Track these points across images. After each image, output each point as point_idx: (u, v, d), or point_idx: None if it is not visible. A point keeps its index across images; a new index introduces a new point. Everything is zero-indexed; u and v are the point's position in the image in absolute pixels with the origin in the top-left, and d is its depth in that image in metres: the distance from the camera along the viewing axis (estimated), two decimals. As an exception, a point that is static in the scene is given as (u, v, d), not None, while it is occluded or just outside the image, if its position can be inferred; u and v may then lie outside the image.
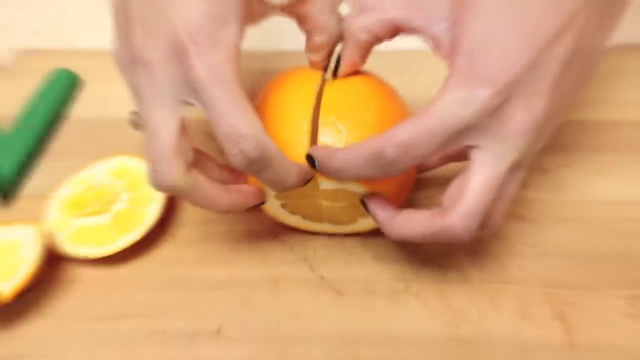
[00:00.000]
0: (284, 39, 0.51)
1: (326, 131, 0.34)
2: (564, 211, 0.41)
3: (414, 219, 0.32)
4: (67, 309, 0.37)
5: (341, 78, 0.37)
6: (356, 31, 0.34)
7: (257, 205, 0.36)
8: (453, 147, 0.30)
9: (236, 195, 0.34)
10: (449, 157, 0.38)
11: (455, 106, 0.29)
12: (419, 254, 0.39)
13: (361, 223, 0.38)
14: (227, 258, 0.40)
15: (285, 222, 0.39)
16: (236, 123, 0.29)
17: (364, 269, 0.39)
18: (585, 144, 0.46)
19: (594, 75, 0.51)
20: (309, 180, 0.34)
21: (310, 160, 0.33)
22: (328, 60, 0.38)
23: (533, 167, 0.44)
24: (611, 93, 0.50)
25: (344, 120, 0.34)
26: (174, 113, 0.31)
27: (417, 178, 0.40)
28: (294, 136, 0.34)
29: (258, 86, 0.39)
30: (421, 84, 0.40)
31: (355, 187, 0.34)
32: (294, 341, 0.35)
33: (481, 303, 0.37)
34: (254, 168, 0.30)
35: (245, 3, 0.31)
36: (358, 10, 0.34)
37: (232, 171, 0.38)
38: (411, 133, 0.29)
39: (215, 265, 0.39)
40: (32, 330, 0.36)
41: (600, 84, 0.50)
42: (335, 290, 0.38)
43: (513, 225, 0.41)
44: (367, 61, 0.37)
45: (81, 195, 0.41)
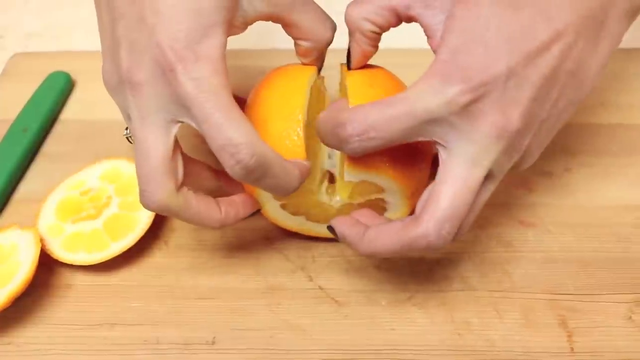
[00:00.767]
0: (277, 38, 0.50)
1: None
2: (567, 216, 0.41)
3: (385, 232, 0.31)
4: (61, 316, 0.37)
5: (358, 70, 0.36)
6: (358, 21, 0.33)
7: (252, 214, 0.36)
8: (420, 139, 0.29)
9: (228, 209, 0.35)
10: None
11: (424, 95, 0.28)
12: (423, 263, 0.39)
13: None
14: (221, 266, 0.39)
15: (286, 226, 0.38)
16: (230, 134, 0.29)
17: (364, 278, 0.38)
18: (590, 147, 0.45)
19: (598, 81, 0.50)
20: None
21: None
22: (321, 60, 0.37)
23: (537, 171, 0.43)
24: (615, 96, 0.49)
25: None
26: (164, 133, 0.31)
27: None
28: (288, 127, 0.33)
29: (252, 85, 0.38)
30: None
31: (381, 180, 0.33)
32: (291, 353, 0.35)
33: (485, 312, 0.36)
34: (253, 177, 0.30)
35: (228, 14, 0.31)
36: (357, 1, 0.33)
37: (228, 178, 0.37)
38: (375, 114, 0.29)
39: (209, 273, 0.39)
40: (26, 337, 0.36)
41: (605, 87, 0.50)
42: (335, 300, 0.37)
43: (517, 231, 0.40)
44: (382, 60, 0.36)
45: (75, 199, 0.41)
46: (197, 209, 0.33)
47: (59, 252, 0.38)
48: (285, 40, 0.36)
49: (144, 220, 0.39)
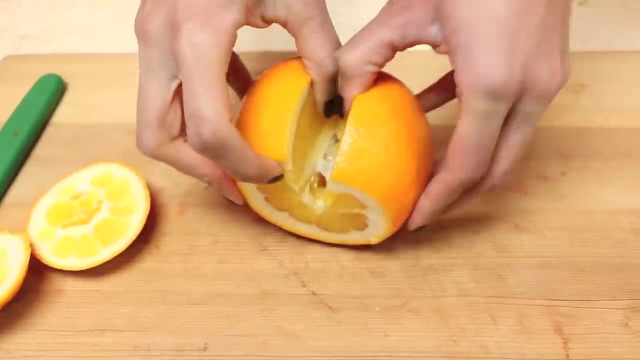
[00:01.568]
0: (273, 40, 0.50)
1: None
2: (562, 220, 0.41)
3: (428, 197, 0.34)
4: (51, 322, 0.37)
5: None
6: (360, 67, 0.33)
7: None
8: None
9: (216, 170, 0.35)
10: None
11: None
12: (417, 268, 0.38)
13: (354, 236, 0.37)
14: (213, 271, 0.39)
15: (270, 220, 0.38)
16: (202, 106, 0.30)
17: (358, 283, 0.38)
18: (586, 151, 0.45)
19: (594, 81, 0.50)
20: (278, 179, 0.33)
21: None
22: (323, 94, 0.36)
23: (532, 175, 0.43)
24: (611, 100, 0.49)
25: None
26: (164, 85, 0.32)
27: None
28: (275, 125, 0.33)
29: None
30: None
31: (363, 197, 0.33)
32: (284, 359, 0.34)
33: (480, 318, 0.36)
34: (209, 153, 0.31)
35: (250, 0, 0.32)
36: (349, 45, 0.33)
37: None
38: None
39: (201, 279, 0.38)
40: (16, 343, 0.36)
41: (600, 90, 0.50)
42: (328, 306, 0.37)
43: (512, 236, 0.40)
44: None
45: (66, 204, 0.40)
46: (189, 161, 0.34)
47: (49, 257, 0.38)
48: (280, 43, 0.36)
49: (135, 225, 0.38)
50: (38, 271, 0.38)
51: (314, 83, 0.35)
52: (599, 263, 0.38)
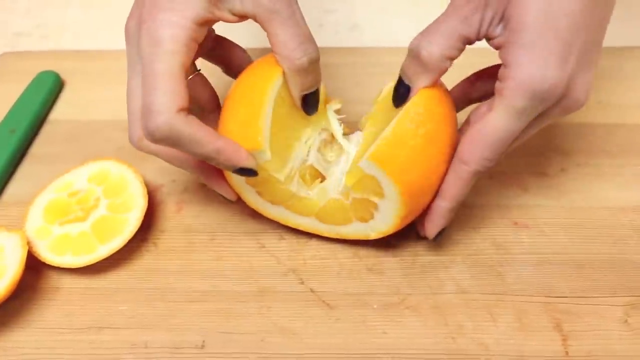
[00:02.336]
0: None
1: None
2: (562, 217, 0.40)
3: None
4: (48, 319, 0.36)
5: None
6: (441, 62, 0.33)
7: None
8: None
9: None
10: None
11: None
12: (415, 265, 0.38)
13: (354, 228, 0.37)
14: (211, 269, 0.39)
15: (267, 214, 0.39)
16: (151, 99, 0.31)
17: (357, 281, 0.37)
18: (585, 147, 0.45)
19: (595, 77, 0.50)
20: (253, 172, 0.34)
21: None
22: (298, 87, 0.35)
23: (531, 171, 0.43)
24: (611, 96, 0.49)
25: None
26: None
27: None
28: (250, 116, 0.34)
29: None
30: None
31: (387, 184, 0.33)
32: (282, 357, 0.34)
33: (478, 316, 0.36)
34: (163, 143, 0.32)
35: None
36: (431, 36, 0.33)
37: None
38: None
39: (199, 276, 0.38)
40: (13, 341, 0.35)
41: (600, 86, 0.50)
42: (326, 303, 0.36)
43: (511, 232, 0.40)
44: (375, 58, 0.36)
45: (63, 201, 0.40)
46: (170, 152, 0.36)
47: (46, 255, 0.38)
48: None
49: (132, 222, 0.38)
50: (35, 269, 0.38)
51: (285, 76, 0.35)
52: (598, 260, 0.38)
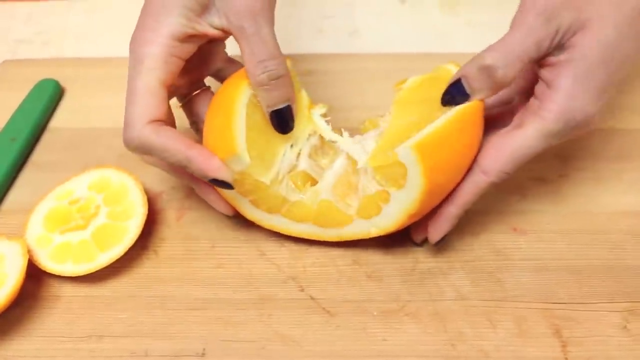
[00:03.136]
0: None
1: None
2: (560, 223, 0.40)
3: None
4: (49, 328, 0.37)
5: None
6: (509, 83, 0.34)
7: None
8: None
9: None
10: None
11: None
12: (414, 272, 0.38)
13: (354, 226, 0.37)
14: (212, 277, 0.39)
15: (267, 226, 0.39)
16: (128, 113, 0.35)
17: (356, 288, 0.38)
18: (584, 152, 0.45)
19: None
20: (226, 185, 0.35)
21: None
22: (266, 99, 0.36)
23: (530, 177, 0.43)
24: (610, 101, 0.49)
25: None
26: None
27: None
28: (224, 123, 0.35)
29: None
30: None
31: (413, 171, 0.33)
32: (282, 364, 0.34)
33: (478, 322, 0.36)
34: (138, 152, 0.36)
35: (194, 5, 0.35)
36: (505, 57, 0.33)
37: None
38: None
39: (199, 284, 0.38)
40: (13, 349, 0.36)
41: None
42: (326, 310, 0.37)
43: (510, 238, 0.40)
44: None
45: (63, 209, 0.40)
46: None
47: (47, 263, 0.38)
48: (281, 46, 0.36)
49: (132, 230, 0.38)
50: (36, 277, 0.38)
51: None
52: (597, 265, 0.38)
